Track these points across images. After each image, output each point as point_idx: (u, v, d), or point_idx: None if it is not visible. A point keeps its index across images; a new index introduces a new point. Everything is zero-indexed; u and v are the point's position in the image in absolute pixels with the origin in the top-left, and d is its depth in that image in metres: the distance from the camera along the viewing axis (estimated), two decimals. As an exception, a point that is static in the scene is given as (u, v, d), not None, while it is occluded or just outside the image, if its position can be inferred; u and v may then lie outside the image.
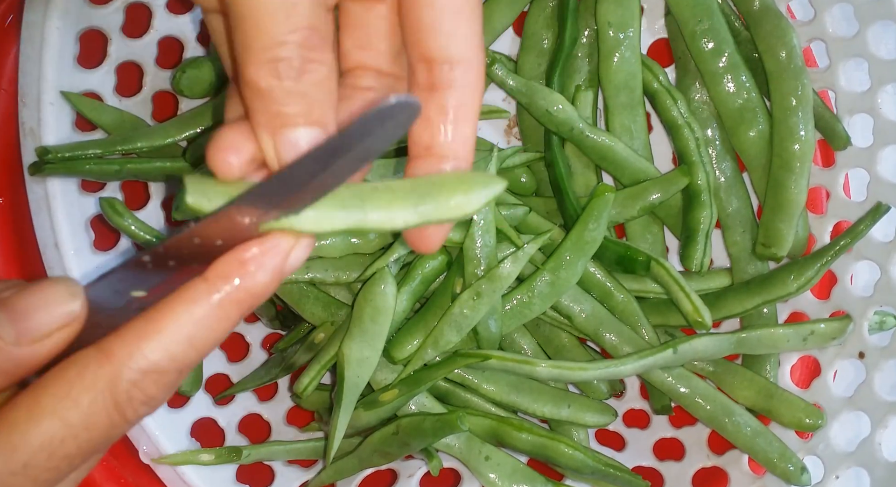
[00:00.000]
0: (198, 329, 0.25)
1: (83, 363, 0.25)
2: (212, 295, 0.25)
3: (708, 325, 0.51)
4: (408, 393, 0.50)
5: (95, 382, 0.24)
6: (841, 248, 0.51)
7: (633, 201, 0.54)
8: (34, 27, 0.49)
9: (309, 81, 0.25)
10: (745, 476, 0.54)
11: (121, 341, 0.25)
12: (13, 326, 0.24)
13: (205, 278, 0.25)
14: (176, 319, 0.25)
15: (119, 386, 0.24)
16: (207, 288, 0.25)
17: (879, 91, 0.51)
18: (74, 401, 0.24)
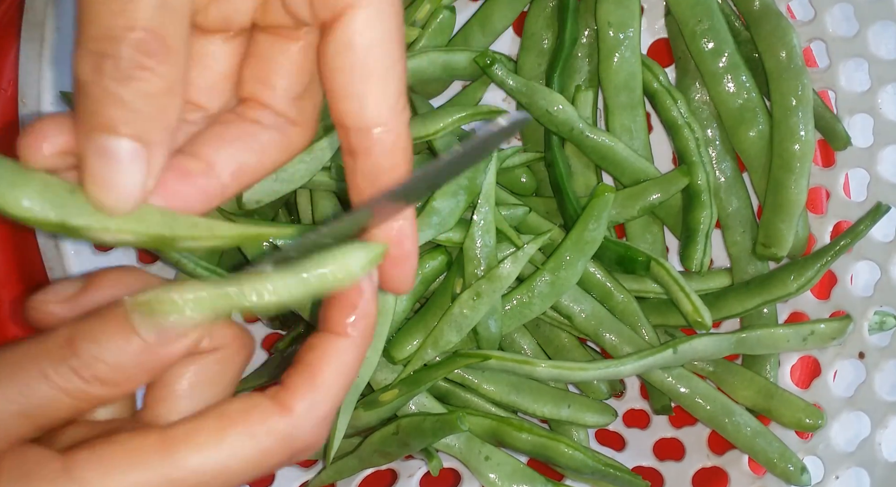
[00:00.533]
0: (349, 375, 0.28)
1: (265, 411, 0.26)
2: (353, 343, 0.28)
3: (708, 325, 0.51)
4: (408, 393, 0.50)
5: (275, 431, 0.26)
6: (841, 248, 0.51)
7: (633, 202, 0.54)
8: (34, 27, 0.49)
9: (136, 88, 0.23)
10: (745, 477, 0.54)
11: (297, 397, 0.27)
12: (154, 328, 0.26)
13: (337, 334, 0.28)
14: (333, 371, 0.27)
15: (296, 437, 0.27)
16: (346, 339, 0.28)
17: (880, 91, 0.51)
18: (256, 443, 0.26)
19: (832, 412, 0.52)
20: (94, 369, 0.25)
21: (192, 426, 0.26)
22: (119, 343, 0.25)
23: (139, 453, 0.25)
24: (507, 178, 0.57)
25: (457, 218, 0.51)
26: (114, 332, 0.25)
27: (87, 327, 0.26)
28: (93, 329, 0.25)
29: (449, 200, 0.50)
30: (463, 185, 0.50)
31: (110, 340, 0.25)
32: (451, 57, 0.54)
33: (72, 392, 0.25)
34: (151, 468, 0.25)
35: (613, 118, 0.55)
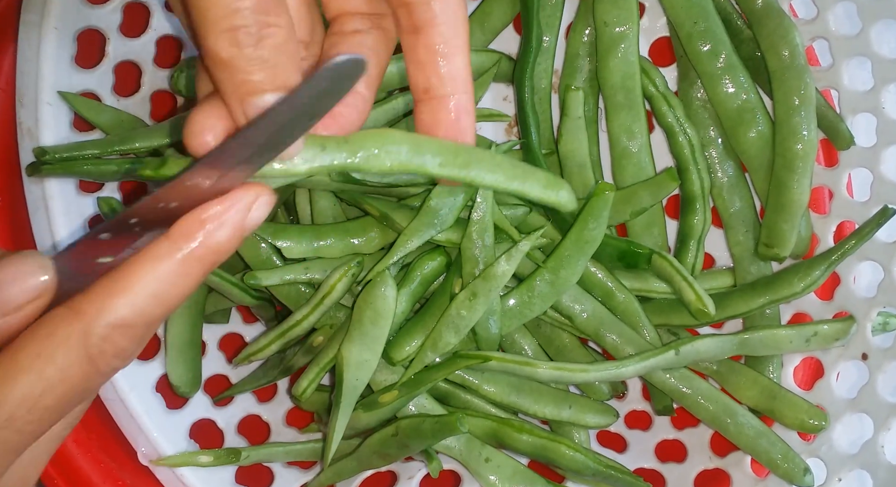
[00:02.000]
0: (163, 285, 0.26)
1: (55, 321, 0.26)
2: (174, 253, 0.27)
3: (712, 314, 0.50)
4: (408, 395, 0.50)
5: (68, 338, 0.26)
6: (847, 250, 0.51)
7: (624, 206, 0.54)
8: (32, 27, 0.49)
9: (269, 45, 0.26)
10: (748, 478, 0.54)
11: (89, 299, 0.26)
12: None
13: (168, 237, 0.27)
14: (142, 276, 0.26)
15: (90, 340, 0.26)
16: (170, 246, 0.27)
17: (883, 90, 0.50)
18: (49, 357, 0.25)
19: (835, 413, 0.51)
20: None
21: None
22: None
23: None
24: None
25: (455, 216, 0.50)
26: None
27: None
28: None
29: (447, 198, 0.50)
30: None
31: None
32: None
33: None
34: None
35: (613, 118, 0.55)
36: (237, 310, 0.59)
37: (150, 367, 0.53)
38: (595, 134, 0.57)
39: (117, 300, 0.26)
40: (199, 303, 0.55)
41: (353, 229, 0.53)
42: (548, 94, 0.57)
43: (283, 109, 0.26)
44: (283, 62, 0.26)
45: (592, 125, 0.57)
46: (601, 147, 0.57)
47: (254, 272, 0.51)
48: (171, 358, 0.54)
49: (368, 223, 0.53)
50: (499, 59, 0.55)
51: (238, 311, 0.60)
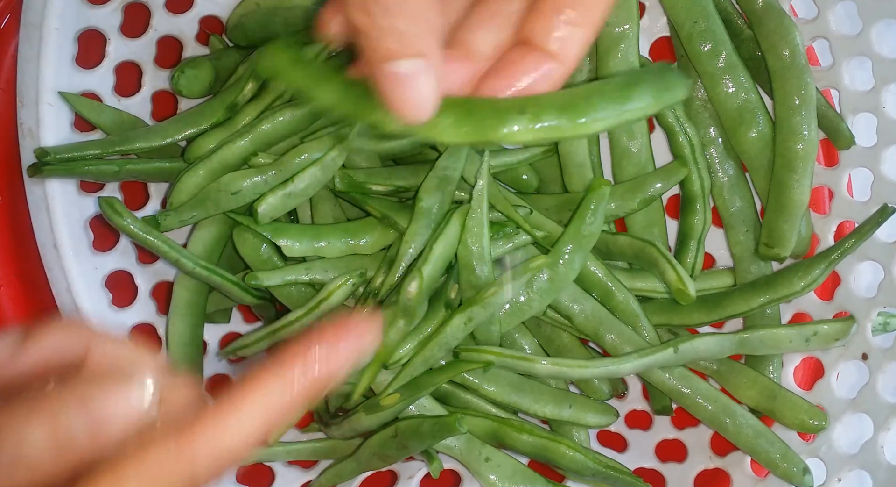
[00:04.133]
0: (268, 417, 0.26)
1: (163, 451, 0.25)
2: (283, 386, 0.26)
3: (692, 295, 0.50)
4: (409, 398, 0.50)
5: (173, 469, 0.25)
6: (847, 249, 0.51)
7: (633, 194, 0.54)
8: (32, 28, 0.49)
9: (401, 15, 0.27)
10: (748, 478, 0.54)
11: (200, 430, 0.25)
12: (87, 427, 0.25)
13: (274, 373, 0.26)
14: (250, 407, 0.26)
15: (195, 472, 0.25)
16: (278, 379, 0.26)
17: (883, 90, 0.50)
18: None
19: (835, 413, 0.51)
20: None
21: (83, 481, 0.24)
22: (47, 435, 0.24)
23: None
24: (508, 176, 0.57)
25: (447, 208, 0.51)
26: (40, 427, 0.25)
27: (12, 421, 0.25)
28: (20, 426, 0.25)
29: (434, 195, 0.50)
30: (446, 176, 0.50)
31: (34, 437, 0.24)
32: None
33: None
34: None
35: None
36: (238, 310, 0.59)
37: (151, 367, 0.53)
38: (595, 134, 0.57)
39: (227, 432, 0.25)
40: (200, 303, 0.55)
41: (354, 230, 0.53)
42: (548, 94, 0.57)
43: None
44: (417, 32, 0.27)
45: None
46: (602, 147, 0.57)
47: (255, 273, 0.51)
48: (172, 358, 0.54)
49: (369, 223, 0.53)
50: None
51: (239, 310, 0.60)
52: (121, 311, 0.53)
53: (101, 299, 0.52)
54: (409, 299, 0.48)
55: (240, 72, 0.55)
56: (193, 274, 0.52)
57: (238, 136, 0.51)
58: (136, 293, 0.54)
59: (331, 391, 0.27)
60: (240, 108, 0.53)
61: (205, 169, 0.51)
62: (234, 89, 0.53)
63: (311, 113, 0.52)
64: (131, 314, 0.53)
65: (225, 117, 0.52)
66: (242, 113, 0.52)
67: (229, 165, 0.51)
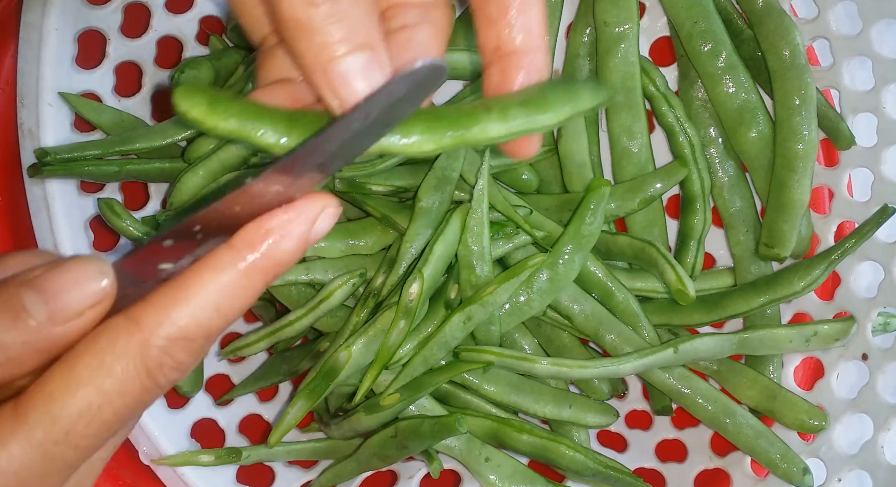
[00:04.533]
0: (224, 297, 0.26)
1: (113, 332, 0.25)
2: (237, 263, 0.26)
3: (691, 295, 0.50)
4: (409, 398, 0.50)
5: (127, 350, 0.25)
6: (847, 249, 0.51)
7: (633, 194, 0.54)
8: (32, 28, 0.49)
9: (347, 1, 0.25)
10: (748, 478, 0.54)
11: (149, 309, 0.25)
12: (45, 306, 0.24)
13: (230, 246, 0.26)
14: (202, 287, 0.25)
15: (149, 353, 0.25)
16: (233, 256, 0.26)
17: (883, 90, 0.50)
18: (108, 370, 0.24)
19: (835, 413, 0.51)
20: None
21: (41, 380, 0.25)
22: (6, 323, 0.24)
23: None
24: (509, 176, 0.57)
25: (446, 208, 0.51)
26: (1, 310, 0.24)
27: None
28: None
29: (433, 195, 0.50)
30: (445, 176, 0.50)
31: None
32: (450, 57, 0.53)
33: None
34: (6, 441, 0.24)
35: (613, 118, 0.55)
36: (238, 310, 0.59)
37: (152, 367, 0.53)
38: (595, 134, 0.57)
39: (177, 312, 0.25)
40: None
41: (354, 230, 0.53)
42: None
43: (357, 115, 0.25)
44: (361, 18, 0.25)
45: (593, 125, 0.57)
46: (602, 147, 0.57)
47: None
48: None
49: (369, 224, 0.53)
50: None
51: (239, 310, 0.60)
52: (121, 311, 0.53)
53: (101, 299, 0.52)
54: (411, 301, 0.48)
55: (240, 72, 0.55)
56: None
57: (238, 136, 0.51)
58: (136, 294, 0.54)
59: (282, 273, 0.27)
60: (240, 108, 0.52)
61: (205, 169, 0.51)
62: (234, 89, 0.53)
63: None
64: (131, 314, 0.53)
65: (225, 117, 0.52)
66: (242, 113, 0.52)
67: (229, 165, 0.51)
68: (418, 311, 0.49)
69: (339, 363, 0.49)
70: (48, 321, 0.24)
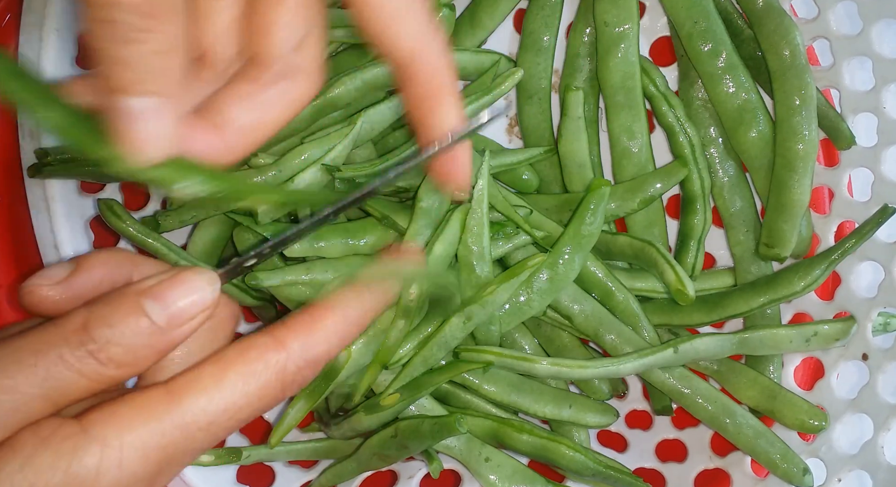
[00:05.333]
0: (349, 328, 0.31)
1: (262, 348, 0.29)
2: (361, 301, 0.31)
3: (691, 295, 0.50)
4: (409, 398, 0.50)
5: (272, 365, 0.29)
6: (847, 249, 0.51)
7: (633, 194, 0.54)
8: (33, 28, 0.49)
9: (141, 50, 0.25)
10: (748, 478, 0.54)
11: (293, 334, 0.30)
12: (165, 313, 0.28)
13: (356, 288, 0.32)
14: (335, 320, 0.30)
15: (288, 370, 0.29)
16: (357, 296, 0.31)
17: (883, 90, 0.50)
18: (255, 378, 0.29)
19: (835, 413, 0.51)
20: (109, 352, 0.27)
21: (194, 373, 0.28)
22: (132, 327, 0.27)
23: (149, 405, 0.27)
24: (508, 176, 0.57)
25: (446, 208, 0.51)
26: (126, 316, 0.28)
27: (101, 311, 0.28)
28: (106, 314, 0.28)
29: (433, 195, 0.50)
30: None
31: (123, 324, 0.27)
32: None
33: (89, 374, 0.27)
34: (161, 417, 0.27)
35: (613, 118, 0.55)
36: (238, 310, 0.59)
37: (152, 367, 0.53)
38: (595, 134, 0.57)
39: (314, 339, 0.30)
40: (200, 303, 0.55)
41: (354, 230, 0.53)
42: (548, 94, 0.57)
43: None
44: (156, 71, 0.25)
45: (593, 125, 0.57)
46: (602, 147, 0.57)
47: (255, 273, 0.51)
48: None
49: (369, 224, 0.53)
50: (498, 59, 0.55)
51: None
52: (121, 311, 0.53)
53: (101, 299, 0.52)
54: (410, 301, 0.48)
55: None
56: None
57: (238, 136, 0.51)
58: (136, 294, 0.54)
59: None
60: (240, 108, 0.52)
61: (204, 169, 0.51)
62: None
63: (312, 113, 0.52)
64: (132, 314, 0.53)
65: (225, 118, 0.52)
66: (242, 113, 0.52)
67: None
68: (417, 311, 0.49)
69: (339, 363, 0.49)
70: (167, 327, 0.28)
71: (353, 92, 0.52)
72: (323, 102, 0.52)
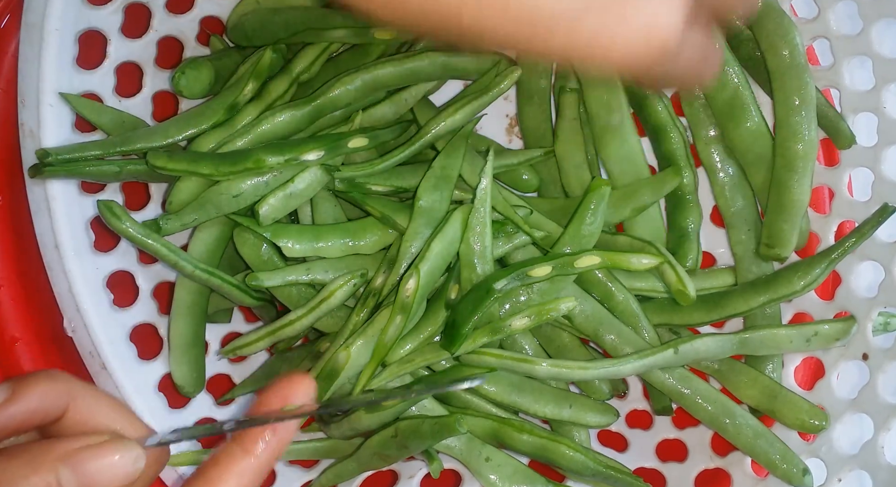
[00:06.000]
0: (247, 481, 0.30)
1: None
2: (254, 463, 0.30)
3: (692, 296, 0.50)
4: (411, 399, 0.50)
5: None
6: (847, 248, 0.51)
7: (625, 202, 0.54)
8: (33, 28, 0.49)
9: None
10: (748, 478, 0.54)
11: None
12: (77, 483, 0.27)
13: (245, 450, 0.30)
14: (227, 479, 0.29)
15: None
16: (249, 458, 0.30)
17: (884, 90, 0.50)
18: None
19: (835, 413, 0.51)
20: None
21: None
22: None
23: None
24: (509, 176, 0.57)
25: (446, 207, 0.51)
26: (38, 480, 0.26)
27: (14, 468, 0.27)
28: (19, 474, 0.26)
29: (432, 194, 0.50)
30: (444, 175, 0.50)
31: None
32: (451, 58, 0.53)
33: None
34: None
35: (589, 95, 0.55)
36: (239, 309, 0.60)
37: (153, 367, 0.53)
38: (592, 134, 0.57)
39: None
40: (201, 303, 0.55)
41: (354, 230, 0.53)
42: (547, 94, 0.57)
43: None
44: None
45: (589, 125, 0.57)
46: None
47: (255, 273, 0.51)
48: (174, 358, 0.54)
49: (369, 224, 0.53)
50: (499, 60, 0.55)
51: (240, 310, 0.60)
52: (122, 311, 0.53)
53: (102, 299, 0.52)
54: (407, 297, 0.48)
55: (240, 72, 0.55)
56: (193, 277, 0.52)
57: (238, 136, 0.51)
58: (137, 294, 0.54)
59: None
60: (240, 108, 0.53)
61: (205, 169, 0.51)
62: (234, 90, 0.53)
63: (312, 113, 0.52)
64: (132, 314, 0.53)
65: (225, 118, 0.52)
66: (243, 113, 0.52)
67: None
68: (415, 307, 0.49)
69: (339, 363, 0.49)
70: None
71: (352, 92, 0.52)
72: (323, 102, 0.52)
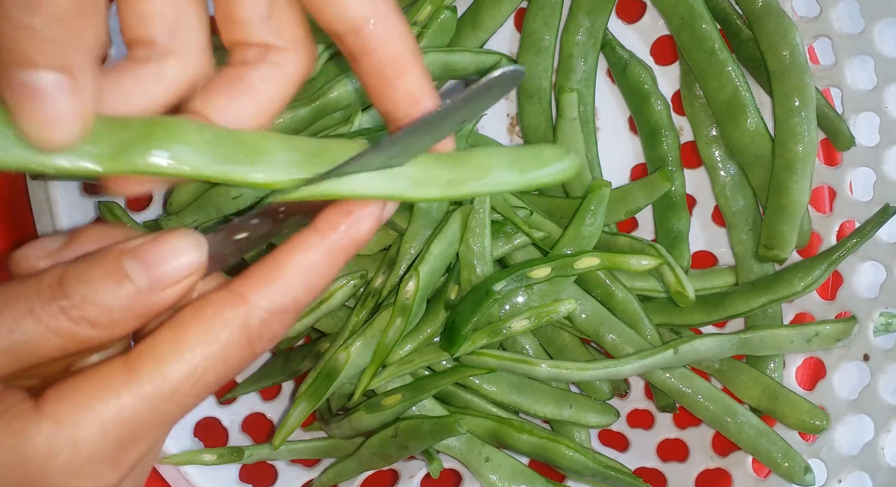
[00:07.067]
0: (312, 274, 0.28)
1: (219, 304, 0.27)
2: (323, 243, 0.28)
3: (691, 297, 0.50)
4: (411, 399, 0.50)
5: (232, 321, 0.27)
6: (848, 248, 0.50)
7: (618, 205, 0.55)
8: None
9: (44, 16, 0.22)
10: (749, 478, 0.54)
11: (250, 284, 0.27)
12: (147, 274, 0.26)
13: (316, 229, 0.28)
14: (295, 265, 0.27)
15: (251, 324, 0.27)
16: (319, 238, 0.28)
17: (885, 89, 0.50)
18: (214, 337, 0.26)
19: (836, 414, 0.51)
20: (83, 310, 0.25)
21: (150, 341, 0.26)
22: (110, 287, 0.25)
23: (105, 379, 0.25)
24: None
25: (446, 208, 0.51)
26: (104, 274, 0.25)
27: (79, 268, 0.26)
28: (84, 271, 0.26)
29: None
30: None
31: (101, 283, 0.25)
32: (451, 57, 0.53)
33: (59, 332, 0.25)
34: (118, 390, 0.25)
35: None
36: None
37: (154, 367, 0.54)
38: (592, 133, 0.57)
39: (275, 288, 0.27)
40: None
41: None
42: (548, 93, 0.57)
43: (436, 115, 0.27)
44: (62, 40, 0.23)
45: (588, 125, 0.57)
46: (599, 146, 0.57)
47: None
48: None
49: (369, 224, 0.53)
50: (499, 59, 0.55)
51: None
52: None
53: (103, 299, 0.52)
54: (407, 299, 0.48)
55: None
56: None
57: (238, 137, 0.51)
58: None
59: (358, 251, 0.29)
60: (240, 109, 0.53)
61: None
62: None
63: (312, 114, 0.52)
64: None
65: (226, 118, 0.52)
66: (243, 114, 0.52)
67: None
68: (414, 309, 0.49)
69: (339, 364, 0.49)
70: (148, 289, 0.26)
71: (352, 93, 0.52)
72: (323, 104, 0.52)
